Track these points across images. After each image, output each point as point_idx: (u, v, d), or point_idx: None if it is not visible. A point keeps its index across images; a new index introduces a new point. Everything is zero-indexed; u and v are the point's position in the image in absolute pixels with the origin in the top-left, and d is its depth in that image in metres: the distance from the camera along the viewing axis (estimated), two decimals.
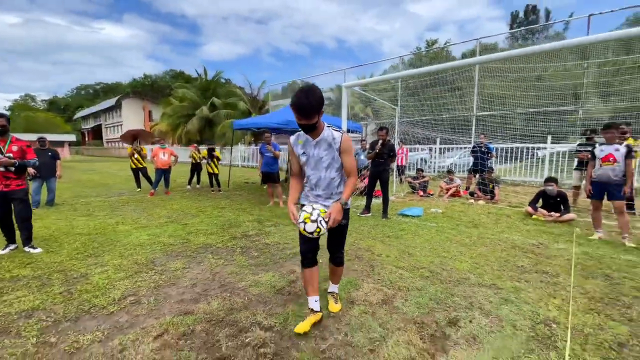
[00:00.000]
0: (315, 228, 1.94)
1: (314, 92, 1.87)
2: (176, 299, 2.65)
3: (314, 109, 1.87)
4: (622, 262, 3.42)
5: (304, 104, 1.85)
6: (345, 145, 2.04)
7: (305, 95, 1.85)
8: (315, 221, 1.94)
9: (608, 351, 1.92)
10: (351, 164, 2.09)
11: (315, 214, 1.96)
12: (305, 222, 1.95)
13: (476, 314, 2.33)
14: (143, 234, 4.59)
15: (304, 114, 1.87)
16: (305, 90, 1.88)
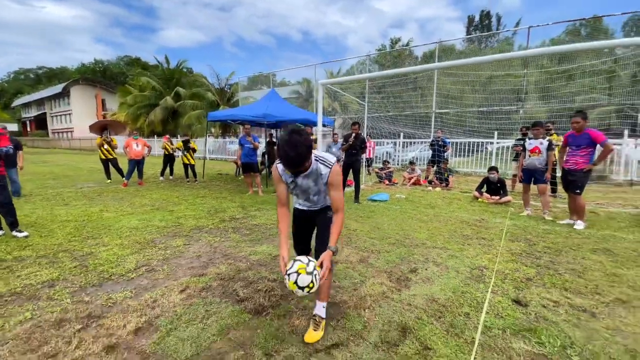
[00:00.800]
0: (308, 282, 1.69)
1: (301, 141, 1.70)
2: (186, 266, 3.09)
3: (305, 158, 1.75)
4: (540, 230, 4.39)
5: (294, 160, 1.72)
6: (333, 179, 1.92)
7: (293, 148, 1.68)
8: (311, 274, 1.70)
9: (519, 283, 2.72)
10: (339, 198, 1.93)
11: (312, 266, 1.73)
12: (299, 272, 1.70)
13: (430, 265, 3.06)
14: (133, 220, 4.85)
15: (296, 166, 1.77)
16: (291, 143, 1.68)
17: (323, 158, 1.93)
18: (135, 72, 41.95)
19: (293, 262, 1.76)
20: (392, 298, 2.43)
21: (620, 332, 2.05)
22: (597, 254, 3.49)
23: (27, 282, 2.72)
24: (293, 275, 1.70)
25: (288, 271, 1.73)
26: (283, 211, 2.07)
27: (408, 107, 15.09)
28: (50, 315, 2.21)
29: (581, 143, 4.39)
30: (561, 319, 2.19)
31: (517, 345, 1.89)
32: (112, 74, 65.43)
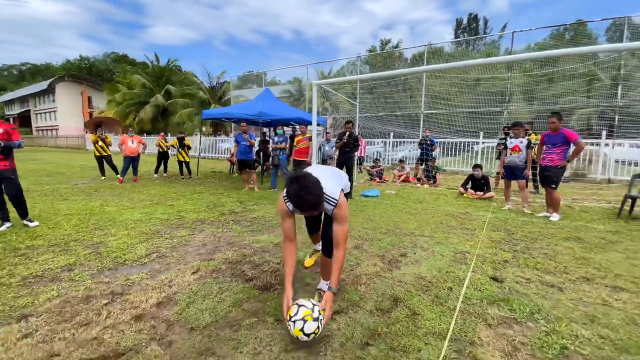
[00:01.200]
0: (314, 329, 1.69)
1: (313, 182, 1.73)
2: (194, 253, 3.32)
3: (322, 198, 1.79)
4: (519, 222, 4.77)
5: (309, 204, 1.73)
6: (337, 213, 1.94)
7: (309, 192, 1.70)
8: (317, 320, 1.71)
9: (497, 264, 3.05)
10: (342, 231, 1.94)
11: (317, 311, 1.73)
12: (305, 320, 1.69)
13: (418, 250, 3.37)
14: (135, 213, 5.02)
15: (313, 209, 1.79)
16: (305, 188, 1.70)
17: (328, 197, 1.89)
18: (122, 69, 41.32)
19: (297, 308, 1.74)
20: (385, 276, 2.73)
21: (582, 302, 2.39)
22: (568, 242, 3.87)
23: (46, 267, 2.91)
24: (299, 322, 1.68)
25: (293, 318, 1.71)
26: (290, 247, 2.00)
27: (398, 108, 15.50)
28: (76, 293, 2.42)
29: (556, 141, 4.78)
30: (531, 292, 2.52)
31: (491, 311, 2.20)
32: (98, 70, 64.15)
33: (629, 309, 2.27)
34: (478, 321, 2.08)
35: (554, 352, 1.79)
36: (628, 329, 2.02)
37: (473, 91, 14.68)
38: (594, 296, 2.48)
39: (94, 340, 1.85)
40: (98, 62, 69.50)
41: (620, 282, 2.73)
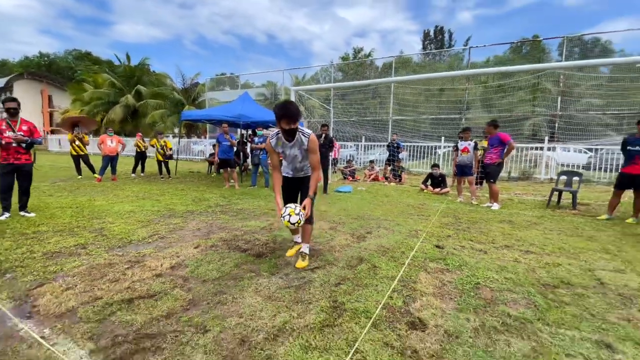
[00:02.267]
0: (297, 220, 2.56)
1: (295, 105, 2.62)
2: (191, 234, 3.83)
3: (299, 113, 2.58)
4: (467, 210, 5.69)
5: (293, 111, 2.52)
6: (312, 145, 2.69)
7: (292, 106, 2.55)
8: (298, 214, 2.56)
9: (441, 238, 3.85)
10: (316, 160, 2.74)
11: (298, 209, 2.59)
12: (290, 214, 2.55)
13: (381, 229, 4.12)
14: (126, 206, 5.38)
15: (294, 120, 2.52)
16: (290, 103, 2.60)
17: (302, 131, 2.71)
18: (86, 67, 39.54)
19: (285, 208, 2.63)
20: (353, 246, 3.42)
21: (499, 260, 3.20)
22: (501, 223, 4.79)
23: (60, 246, 3.31)
24: (286, 216, 2.57)
25: (282, 214, 2.60)
26: (276, 174, 2.87)
27: (369, 113, 16.54)
28: (98, 262, 2.88)
29: (494, 143, 5.78)
30: (463, 254, 3.31)
31: (431, 265, 2.95)
32: (59, 68, 60.65)
33: (532, 264, 3.11)
34: (420, 270, 2.82)
35: (469, 286, 2.55)
36: (526, 274, 2.83)
37: (437, 99, 16.02)
38: (508, 257, 3.31)
39: (127, 289, 2.37)
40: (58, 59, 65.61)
41: (532, 248, 3.61)
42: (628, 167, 4.94)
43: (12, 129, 4.12)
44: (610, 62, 9.98)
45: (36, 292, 2.31)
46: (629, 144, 4.95)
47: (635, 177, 4.84)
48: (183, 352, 1.65)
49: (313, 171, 2.83)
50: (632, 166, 4.88)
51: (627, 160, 4.98)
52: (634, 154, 4.85)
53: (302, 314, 2.04)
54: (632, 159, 4.88)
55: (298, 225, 2.61)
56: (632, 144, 4.91)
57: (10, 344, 1.71)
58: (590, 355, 1.71)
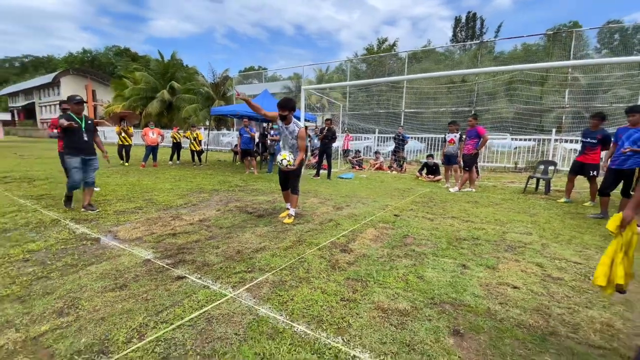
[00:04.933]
0: (285, 164, 3.84)
1: (291, 100, 3.95)
2: (214, 203, 5.15)
3: (287, 107, 3.87)
4: (445, 194, 6.61)
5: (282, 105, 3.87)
6: (299, 134, 3.96)
7: (283, 100, 3.90)
8: (287, 161, 3.84)
9: (403, 211, 4.88)
10: (302, 145, 3.97)
11: (289, 157, 3.86)
12: (283, 158, 3.85)
13: (359, 204, 5.23)
14: (166, 185, 6.84)
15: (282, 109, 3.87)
16: (284, 99, 3.93)
17: (297, 123, 4.05)
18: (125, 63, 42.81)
19: (280, 156, 3.88)
20: (330, 213, 4.58)
21: (435, 225, 4.19)
22: (467, 203, 5.70)
23: (124, 207, 4.73)
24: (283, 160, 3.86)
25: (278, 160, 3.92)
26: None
27: (388, 105, 17.28)
28: (151, 216, 4.25)
29: (472, 135, 6.61)
30: (412, 220, 4.34)
31: (380, 225, 4.04)
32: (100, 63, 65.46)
33: (460, 227, 4.09)
34: (370, 227, 3.93)
35: (399, 236, 3.62)
36: (448, 233, 3.84)
37: (455, 91, 16.41)
38: (447, 224, 4.30)
39: (171, 229, 3.68)
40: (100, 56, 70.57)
41: (473, 219, 4.55)
42: (580, 156, 5.67)
43: None
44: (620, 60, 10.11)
45: (115, 229, 3.68)
46: (583, 136, 5.66)
47: (584, 165, 5.57)
48: (204, 255, 2.91)
49: (300, 152, 4.01)
50: (583, 156, 5.61)
51: (580, 150, 5.70)
52: (586, 145, 5.57)
53: (277, 243, 3.25)
54: (583, 149, 5.60)
55: (289, 166, 3.87)
56: (585, 136, 5.62)
57: (106, 251, 3.04)
58: (447, 269, 2.76)
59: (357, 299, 2.17)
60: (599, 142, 5.64)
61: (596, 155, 5.69)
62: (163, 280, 2.40)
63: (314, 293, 2.24)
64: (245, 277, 2.46)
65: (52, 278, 2.40)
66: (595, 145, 5.66)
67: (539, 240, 3.64)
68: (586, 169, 5.69)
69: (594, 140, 5.67)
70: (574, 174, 5.87)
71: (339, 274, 2.57)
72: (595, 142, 5.67)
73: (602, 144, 5.63)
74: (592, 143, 5.68)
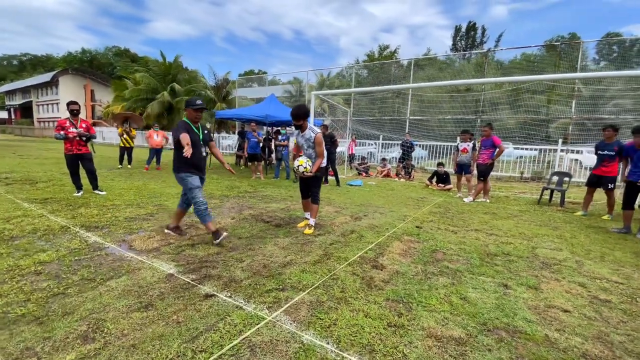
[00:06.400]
0: (302, 170, 3.74)
1: (303, 106, 3.83)
2: (227, 211, 4.97)
3: (301, 116, 3.74)
4: (460, 204, 6.48)
5: (301, 111, 3.75)
6: (317, 141, 3.81)
7: (295, 110, 3.76)
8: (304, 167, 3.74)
9: (424, 222, 4.74)
10: (320, 151, 3.84)
11: (306, 164, 3.76)
12: (300, 164, 3.73)
13: (377, 214, 5.07)
14: (174, 190, 6.64)
15: (295, 119, 3.76)
16: (296, 107, 3.78)
17: (313, 128, 3.93)
18: (123, 63, 42.57)
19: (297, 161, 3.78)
20: (349, 223, 4.42)
21: (462, 238, 4.05)
22: (485, 214, 5.57)
23: (135, 214, 4.54)
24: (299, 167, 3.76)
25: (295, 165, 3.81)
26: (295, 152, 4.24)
27: (391, 112, 17.22)
28: (164, 223, 4.06)
29: (487, 145, 6.50)
30: (436, 233, 4.20)
31: (406, 237, 3.89)
32: (100, 64, 65.19)
33: (488, 242, 3.95)
34: (395, 240, 3.77)
35: (428, 251, 3.47)
36: (477, 247, 3.69)
37: (457, 100, 16.42)
38: (472, 236, 4.16)
39: (189, 239, 3.50)
40: (99, 56, 70.32)
41: (497, 232, 4.42)
42: (597, 169, 5.61)
43: (74, 126, 5.43)
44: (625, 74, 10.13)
45: (129, 239, 3.49)
46: (599, 149, 5.60)
47: (601, 177, 5.51)
48: (229, 269, 2.73)
49: (317, 157, 3.88)
50: (600, 168, 5.55)
51: (596, 163, 5.65)
52: (603, 157, 5.50)
53: (303, 257, 3.08)
54: (600, 162, 5.54)
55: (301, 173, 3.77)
56: (602, 149, 5.56)
57: (123, 263, 2.85)
58: (488, 289, 2.60)
59: (405, 325, 2.01)
60: (617, 154, 5.56)
61: (614, 167, 5.61)
62: (191, 298, 2.22)
63: (357, 316, 2.07)
64: (279, 296, 2.28)
65: (70, 295, 2.21)
66: (614, 157, 5.57)
67: (571, 257, 3.50)
68: (604, 182, 5.61)
69: (611, 152, 5.58)
70: (592, 186, 5.79)
71: (377, 294, 2.40)
72: (613, 155, 5.58)
73: (619, 155, 5.56)
74: (610, 155, 5.59)
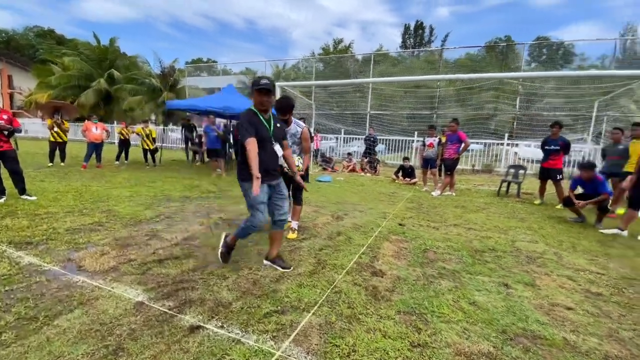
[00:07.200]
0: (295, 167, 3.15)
1: (289, 98, 3.42)
2: (193, 215, 4.41)
3: (288, 110, 3.27)
4: (429, 198, 6.60)
5: (287, 103, 3.26)
6: (303, 136, 3.42)
7: (282, 102, 3.27)
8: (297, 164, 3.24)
9: (404, 218, 4.67)
10: (307, 146, 3.49)
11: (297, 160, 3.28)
12: None
13: (356, 212, 4.90)
14: (123, 191, 5.81)
15: (288, 109, 3.26)
16: (282, 99, 3.33)
17: (298, 123, 3.49)
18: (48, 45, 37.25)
19: None
20: (333, 224, 4.17)
21: (445, 234, 4.04)
22: (456, 208, 5.71)
23: (78, 224, 3.79)
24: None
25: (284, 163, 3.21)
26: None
27: (350, 107, 17.26)
28: (120, 234, 3.44)
29: (453, 140, 6.69)
30: (419, 230, 4.14)
31: (393, 237, 3.75)
32: (19, 46, 56.33)
33: (470, 237, 3.98)
34: (384, 240, 3.62)
35: (419, 250, 3.36)
36: (464, 244, 3.68)
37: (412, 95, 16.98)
38: (454, 232, 4.18)
39: (153, 253, 2.97)
40: (18, 37, 60.91)
41: (474, 226, 4.50)
42: (545, 162, 6.19)
43: None
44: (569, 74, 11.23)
45: (76, 257, 2.85)
46: (546, 144, 6.15)
47: (549, 170, 6.10)
48: (212, 290, 2.32)
49: (305, 154, 3.52)
50: (547, 162, 6.13)
51: (544, 157, 6.24)
52: (550, 152, 6.06)
53: (295, 267, 2.76)
54: (547, 156, 6.10)
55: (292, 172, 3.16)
56: (548, 144, 6.11)
57: (74, 291, 2.27)
58: (491, 290, 2.54)
59: (428, 342, 1.82)
60: (562, 149, 6.12)
61: (559, 160, 6.17)
62: (173, 334, 1.79)
63: (376, 338, 1.83)
64: (282, 321, 1.95)
65: (5, 344, 1.65)
66: (559, 151, 6.12)
67: (548, 249, 3.65)
68: (552, 174, 6.13)
69: (557, 147, 6.12)
70: (543, 178, 6.31)
71: (387, 307, 2.19)
72: (558, 149, 6.12)
73: (564, 150, 6.12)
74: (556, 150, 6.13)
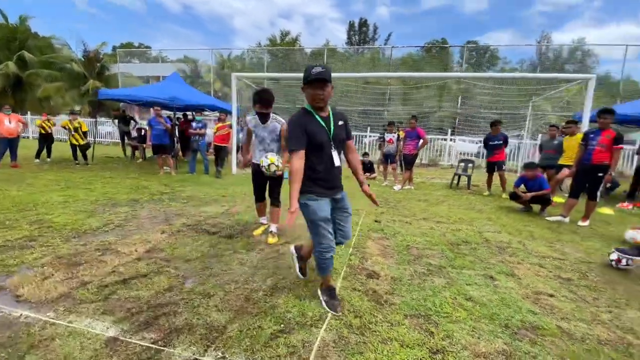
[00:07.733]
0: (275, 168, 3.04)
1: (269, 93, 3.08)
2: (149, 222, 3.88)
3: (273, 99, 3.08)
4: (391, 192, 6.78)
5: (268, 99, 3.03)
6: (283, 132, 3.17)
7: (266, 94, 3.04)
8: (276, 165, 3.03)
9: (378, 215, 4.69)
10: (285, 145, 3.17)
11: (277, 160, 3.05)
12: (271, 162, 3.00)
13: None
14: (54, 196, 4.91)
15: (269, 103, 3.05)
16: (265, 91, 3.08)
17: (277, 118, 3.24)
18: None
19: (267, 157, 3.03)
20: None
21: (420, 228, 4.13)
22: (419, 202, 5.93)
23: (3, 239, 3.06)
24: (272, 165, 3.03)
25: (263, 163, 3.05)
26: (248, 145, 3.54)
27: (301, 101, 16.99)
28: (62, 252, 2.84)
29: (412, 136, 6.96)
30: (395, 225, 4.18)
31: (374, 235, 3.73)
32: None
33: (442, 230, 4.13)
34: (366, 239, 3.56)
35: (402, 247, 3.37)
36: (439, 237, 3.80)
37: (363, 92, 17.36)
38: (426, 226, 4.30)
39: (112, 272, 2.50)
40: None
41: (442, 219, 4.70)
42: (491, 157, 6.85)
43: None
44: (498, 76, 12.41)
45: (9, 284, 2.27)
46: (489, 141, 6.80)
47: (495, 162, 6.75)
48: (198, 313, 2.00)
49: (284, 152, 3.22)
50: (492, 156, 6.83)
51: (489, 152, 6.92)
52: (494, 147, 6.72)
53: (286, 276, 2.54)
54: (492, 151, 6.75)
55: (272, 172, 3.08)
56: (491, 140, 6.79)
57: (20, 331, 1.78)
58: (480, 283, 2.62)
59: (446, 348, 1.77)
60: (504, 143, 6.83)
61: (502, 154, 6.91)
62: None
63: (394, 348, 1.73)
64: (291, 342, 1.75)
65: None
66: (501, 146, 6.82)
67: (512, 238, 3.94)
68: (499, 165, 6.81)
69: (499, 142, 6.81)
70: (491, 171, 6.94)
71: (394, 312, 2.12)
72: (501, 143, 6.81)
73: (505, 143, 6.86)
74: (499, 144, 6.82)
